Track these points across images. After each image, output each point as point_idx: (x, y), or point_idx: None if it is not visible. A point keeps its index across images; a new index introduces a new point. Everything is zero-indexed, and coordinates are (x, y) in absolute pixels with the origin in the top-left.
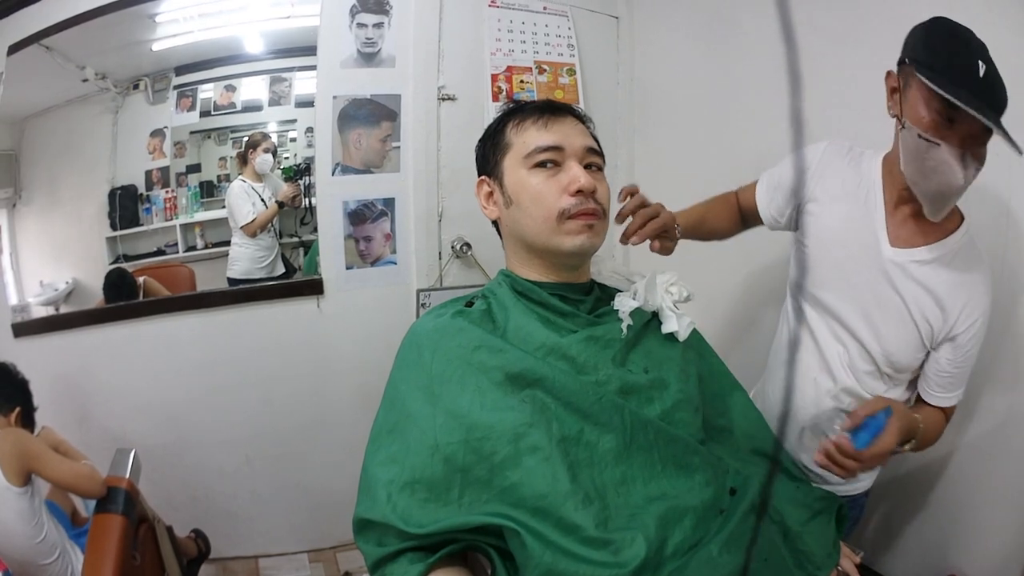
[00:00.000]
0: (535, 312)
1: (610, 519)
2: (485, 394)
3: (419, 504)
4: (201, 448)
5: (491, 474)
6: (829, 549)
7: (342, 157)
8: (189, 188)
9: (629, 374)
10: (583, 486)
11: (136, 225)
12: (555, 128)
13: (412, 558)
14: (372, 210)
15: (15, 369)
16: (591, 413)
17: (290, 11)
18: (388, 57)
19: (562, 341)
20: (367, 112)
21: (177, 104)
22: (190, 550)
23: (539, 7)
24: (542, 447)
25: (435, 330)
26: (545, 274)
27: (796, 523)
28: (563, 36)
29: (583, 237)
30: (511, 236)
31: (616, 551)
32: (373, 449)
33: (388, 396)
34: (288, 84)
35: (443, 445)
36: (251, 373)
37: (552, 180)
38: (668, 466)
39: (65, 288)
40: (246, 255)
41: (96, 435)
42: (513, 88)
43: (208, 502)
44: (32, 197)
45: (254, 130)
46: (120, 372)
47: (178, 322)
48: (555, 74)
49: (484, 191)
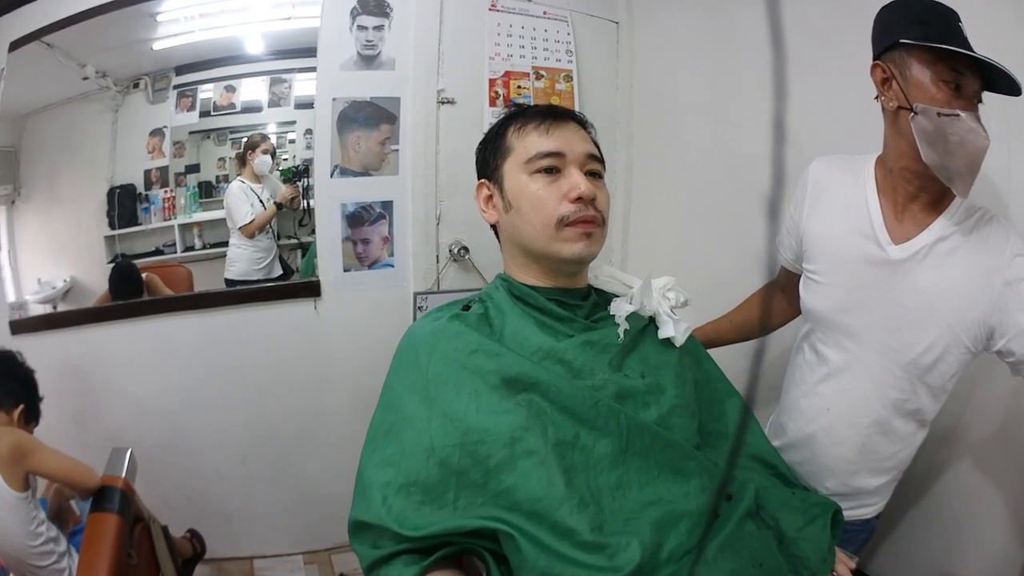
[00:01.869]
0: (532, 316)
1: (605, 523)
2: (481, 398)
3: (414, 507)
4: (197, 448)
5: (486, 477)
6: (824, 554)
7: (341, 159)
8: (188, 188)
9: (625, 379)
10: (578, 490)
11: (135, 224)
12: (557, 134)
13: (407, 560)
14: (370, 213)
15: (20, 359)
16: (587, 418)
17: (291, 12)
18: (388, 60)
19: (559, 346)
20: (366, 114)
21: (177, 104)
22: (185, 550)
23: (539, 11)
24: (537, 451)
25: (432, 333)
26: (543, 279)
27: (791, 529)
28: (562, 41)
29: (581, 244)
30: (509, 240)
31: (611, 555)
32: (369, 451)
33: (384, 399)
34: (288, 85)
35: (439, 448)
36: (248, 374)
37: (552, 186)
38: (664, 471)
39: (63, 286)
40: (244, 256)
41: (92, 434)
42: (510, 93)
43: (203, 502)
44: (31, 194)
45: (253, 131)
46: (117, 371)
47: (175, 322)
48: (552, 80)
49: (484, 194)
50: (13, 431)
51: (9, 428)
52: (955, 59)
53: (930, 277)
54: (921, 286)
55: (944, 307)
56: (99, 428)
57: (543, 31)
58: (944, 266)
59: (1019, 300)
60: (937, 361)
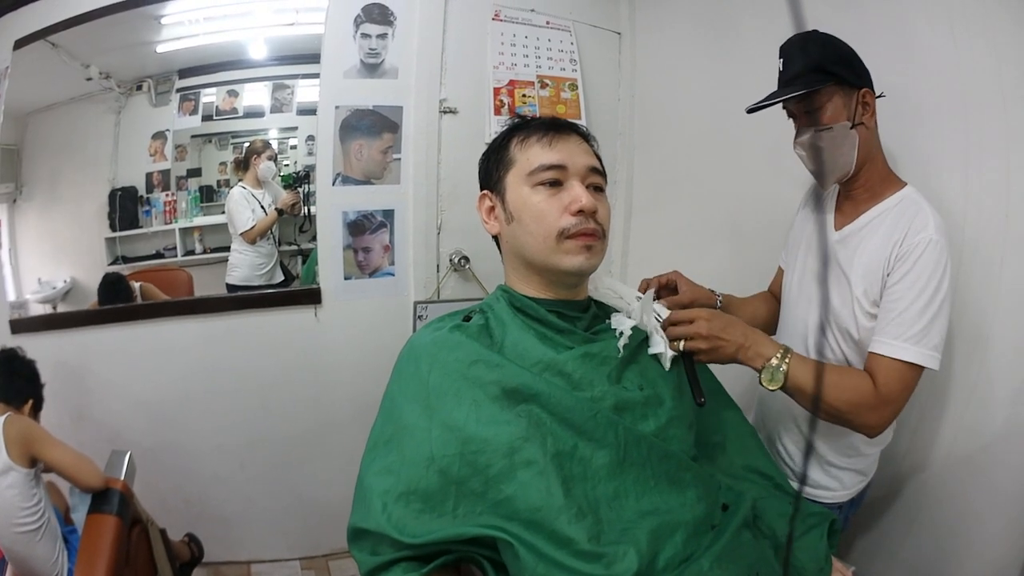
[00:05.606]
0: (532, 328)
1: (602, 533)
2: (481, 408)
3: (414, 515)
4: (196, 452)
5: (486, 487)
6: (821, 563)
7: (343, 167)
8: (189, 192)
9: (624, 391)
10: (576, 500)
11: (135, 227)
12: (559, 146)
13: (406, 568)
14: (371, 221)
15: (22, 354)
16: (586, 429)
17: (295, 19)
18: (391, 68)
19: (558, 357)
20: (369, 123)
21: (179, 107)
22: (183, 554)
23: (542, 21)
24: (536, 461)
25: (433, 343)
26: (543, 291)
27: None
28: (566, 51)
29: (581, 257)
30: (511, 252)
31: (608, 564)
32: (369, 459)
33: (385, 408)
34: (290, 92)
35: (438, 457)
36: (247, 380)
37: (554, 199)
38: (661, 482)
39: (63, 287)
40: (246, 262)
41: (92, 434)
42: (515, 102)
43: (202, 506)
44: (33, 193)
45: (255, 136)
46: (117, 373)
47: (175, 326)
48: (557, 88)
49: (486, 206)
50: (23, 419)
51: (19, 416)
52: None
53: (845, 254)
54: (840, 260)
55: (851, 273)
56: (98, 430)
57: (547, 40)
58: (862, 243)
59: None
60: (844, 312)
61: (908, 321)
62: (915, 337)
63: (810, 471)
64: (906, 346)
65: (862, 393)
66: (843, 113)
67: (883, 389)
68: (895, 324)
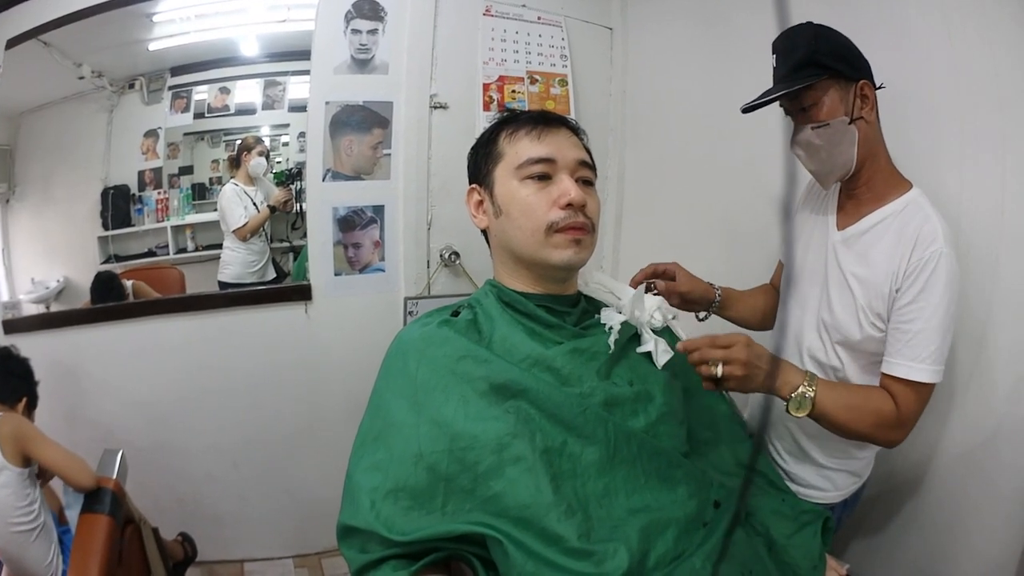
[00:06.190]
0: (521, 323)
1: (593, 530)
2: (469, 404)
3: (402, 512)
4: (188, 451)
5: (474, 483)
6: (815, 561)
7: (333, 163)
8: (181, 190)
9: (614, 387)
10: (566, 497)
11: (128, 225)
12: (548, 140)
13: (395, 565)
14: (362, 217)
15: (15, 352)
16: (575, 425)
17: (286, 15)
18: (381, 64)
19: (547, 353)
20: (359, 118)
21: (172, 105)
22: (176, 553)
23: (533, 17)
24: (525, 457)
25: (421, 339)
26: (532, 285)
27: (781, 536)
28: (556, 46)
29: (570, 251)
30: (499, 246)
31: (598, 562)
32: (357, 457)
33: (373, 404)
34: (282, 88)
35: (427, 454)
36: (239, 378)
37: (543, 192)
38: (651, 479)
39: (56, 286)
40: (238, 259)
41: (84, 434)
42: (504, 98)
43: (195, 505)
44: (26, 193)
45: (247, 133)
46: (109, 372)
47: (168, 324)
48: (547, 84)
49: (474, 199)
50: (16, 417)
51: (13, 414)
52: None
53: (848, 258)
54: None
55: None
56: (91, 428)
57: (537, 36)
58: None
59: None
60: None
61: (924, 343)
62: (931, 357)
63: (802, 472)
64: (923, 367)
65: (884, 416)
66: (840, 108)
67: (904, 409)
68: (911, 346)
